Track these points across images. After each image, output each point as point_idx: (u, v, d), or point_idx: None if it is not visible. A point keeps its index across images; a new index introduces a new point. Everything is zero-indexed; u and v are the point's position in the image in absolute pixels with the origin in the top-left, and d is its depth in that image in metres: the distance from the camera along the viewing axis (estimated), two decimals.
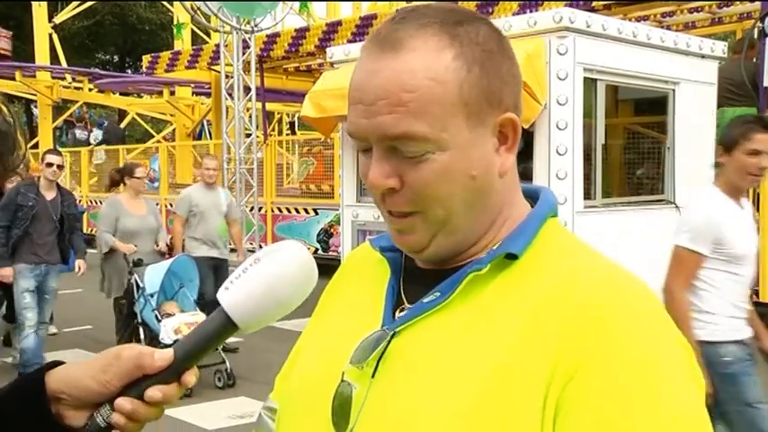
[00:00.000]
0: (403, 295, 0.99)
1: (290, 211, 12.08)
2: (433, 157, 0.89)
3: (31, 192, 6.43)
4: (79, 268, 6.80)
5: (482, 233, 0.96)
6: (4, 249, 6.40)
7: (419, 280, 0.98)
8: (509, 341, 0.86)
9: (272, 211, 12.45)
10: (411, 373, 0.90)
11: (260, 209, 11.74)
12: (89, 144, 18.69)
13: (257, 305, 0.86)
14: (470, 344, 0.89)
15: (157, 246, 7.06)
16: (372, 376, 0.93)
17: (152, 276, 6.40)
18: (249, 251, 8.36)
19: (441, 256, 0.97)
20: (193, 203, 7.35)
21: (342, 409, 0.93)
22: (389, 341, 0.93)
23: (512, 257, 0.92)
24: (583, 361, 0.81)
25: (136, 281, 6.52)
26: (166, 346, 5.71)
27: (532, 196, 1.01)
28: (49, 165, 6.54)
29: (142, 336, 6.37)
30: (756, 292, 7.84)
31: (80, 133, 19.56)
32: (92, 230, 11.81)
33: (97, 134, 19.50)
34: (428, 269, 0.99)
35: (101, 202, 13.30)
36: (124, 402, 0.85)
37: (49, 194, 6.55)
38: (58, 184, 6.73)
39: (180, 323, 6.08)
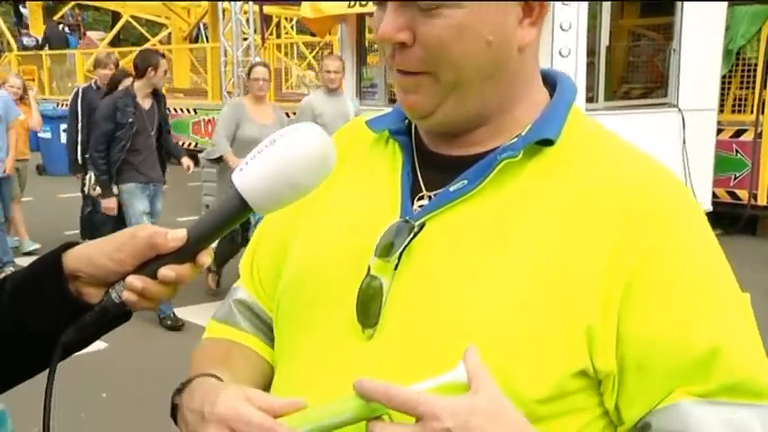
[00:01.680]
0: (421, 182, 0.95)
1: (288, 116, 11.95)
2: (448, 12, 0.85)
3: (129, 105, 5.49)
4: (188, 167, 6.02)
5: (495, 109, 0.93)
6: (106, 178, 5.53)
7: (436, 166, 0.95)
8: (554, 229, 0.86)
9: None
10: (443, 265, 0.88)
11: None
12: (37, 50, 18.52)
13: (270, 186, 0.84)
14: (510, 232, 0.87)
15: None
16: (395, 268, 0.90)
17: None
18: None
19: (448, 127, 0.93)
20: (316, 112, 6.13)
21: (368, 304, 0.90)
22: (416, 232, 0.90)
23: (545, 143, 0.90)
24: (647, 251, 0.84)
25: None
26: None
27: (548, 81, 0.98)
28: (156, 68, 5.53)
29: None
30: (755, 195, 7.86)
31: (27, 40, 19.38)
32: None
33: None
34: (445, 155, 0.95)
35: None
36: (134, 280, 0.85)
37: (147, 103, 5.62)
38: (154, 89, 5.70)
39: None
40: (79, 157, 6.83)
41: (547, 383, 0.83)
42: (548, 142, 0.90)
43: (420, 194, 0.94)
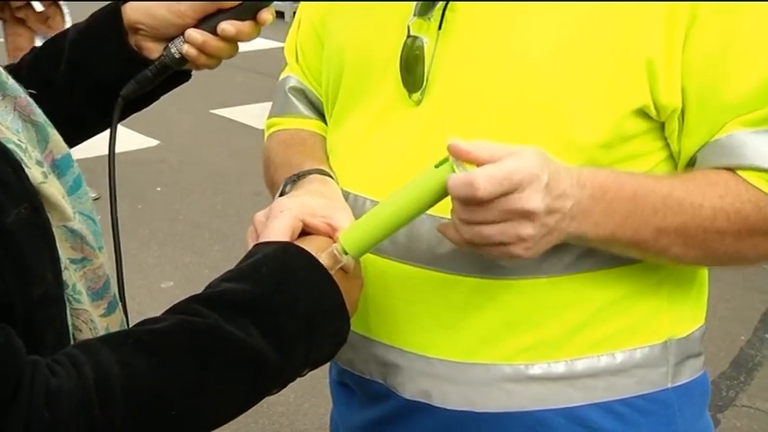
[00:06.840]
0: None
1: None
2: None
3: None
4: None
5: None
6: None
7: None
8: None
9: None
10: (490, 16, 0.84)
11: None
12: None
13: None
14: None
15: None
16: (439, 28, 0.86)
17: None
18: None
19: None
20: None
21: (412, 66, 0.87)
22: None
23: None
24: None
25: None
26: None
27: None
28: None
29: None
30: None
31: None
32: None
33: None
34: None
35: None
36: (194, 33, 0.85)
37: None
38: None
39: None
40: None
41: (605, 125, 0.81)
42: None
43: None
